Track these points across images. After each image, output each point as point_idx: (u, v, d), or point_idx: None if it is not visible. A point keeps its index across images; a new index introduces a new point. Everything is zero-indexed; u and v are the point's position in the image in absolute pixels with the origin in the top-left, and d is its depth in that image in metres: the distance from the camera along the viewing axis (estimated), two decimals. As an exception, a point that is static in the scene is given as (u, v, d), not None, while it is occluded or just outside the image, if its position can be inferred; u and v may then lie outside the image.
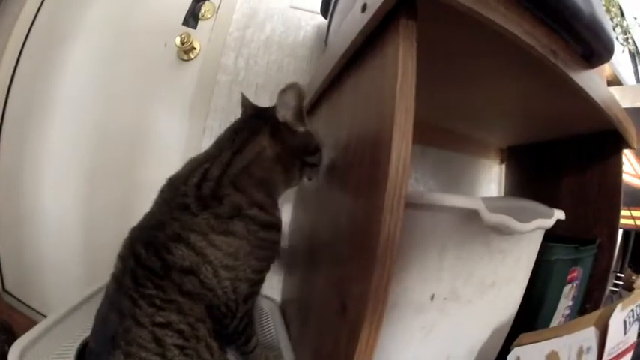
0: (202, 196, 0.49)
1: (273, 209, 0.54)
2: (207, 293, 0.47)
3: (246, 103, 0.64)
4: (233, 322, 0.51)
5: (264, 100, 0.98)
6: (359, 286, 0.42)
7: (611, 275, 1.11)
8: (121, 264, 0.50)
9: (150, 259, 0.46)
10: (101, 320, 0.48)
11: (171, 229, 0.47)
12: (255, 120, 0.58)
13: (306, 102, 0.86)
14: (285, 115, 0.54)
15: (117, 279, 0.49)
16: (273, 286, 0.97)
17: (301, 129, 0.56)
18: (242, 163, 0.52)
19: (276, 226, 0.54)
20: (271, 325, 0.77)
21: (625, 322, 0.53)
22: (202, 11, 0.99)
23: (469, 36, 0.50)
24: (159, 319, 0.44)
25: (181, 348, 0.45)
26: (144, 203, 0.54)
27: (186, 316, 0.46)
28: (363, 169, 0.46)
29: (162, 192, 0.53)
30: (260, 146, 0.53)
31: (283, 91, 0.54)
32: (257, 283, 0.53)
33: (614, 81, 1.42)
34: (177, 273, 0.46)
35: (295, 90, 0.54)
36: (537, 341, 0.59)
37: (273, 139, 0.54)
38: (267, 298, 0.92)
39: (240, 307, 0.50)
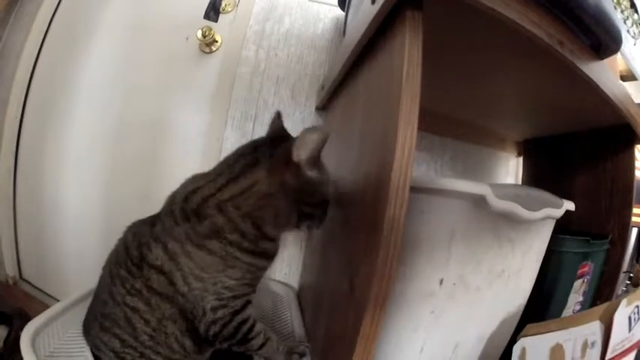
0: (186, 208, 0.50)
1: (259, 240, 0.51)
2: (179, 297, 0.48)
3: (275, 125, 0.61)
4: (201, 327, 0.49)
5: (285, 93, 1.02)
6: (365, 266, 0.43)
7: (624, 275, 1.08)
8: (115, 246, 0.55)
9: (132, 247, 0.51)
10: (94, 296, 0.54)
11: (156, 230, 0.51)
12: (264, 148, 0.54)
13: (323, 94, 0.88)
14: (300, 155, 0.49)
15: (108, 259, 0.55)
16: (291, 274, 1.01)
17: (310, 174, 0.51)
18: (233, 192, 0.50)
19: (261, 254, 0.51)
20: (287, 313, 0.78)
21: (630, 318, 0.51)
22: (223, 5, 1.01)
23: (478, 28, 0.51)
24: (128, 301, 0.48)
25: (150, 336, 0.48)
26: (164, 193, 0.55)
27: (154, 311, 0.48)
28: (374, 154, 0.48)
29: (168, 197, 0.55)
30: (253, 180, 0.50)
31: (308, 130, 0.49)
32: (228, 299, 0.49)
33: (629, 76, 1.40)
34: (147, 267, 0.48)
35: (321, 135, 0.49)
36: (543, 333, 0.58)
37: (271, 176, 0.50)
38: (285, 284, 0.95)
39: (209, 315, 0.48)
